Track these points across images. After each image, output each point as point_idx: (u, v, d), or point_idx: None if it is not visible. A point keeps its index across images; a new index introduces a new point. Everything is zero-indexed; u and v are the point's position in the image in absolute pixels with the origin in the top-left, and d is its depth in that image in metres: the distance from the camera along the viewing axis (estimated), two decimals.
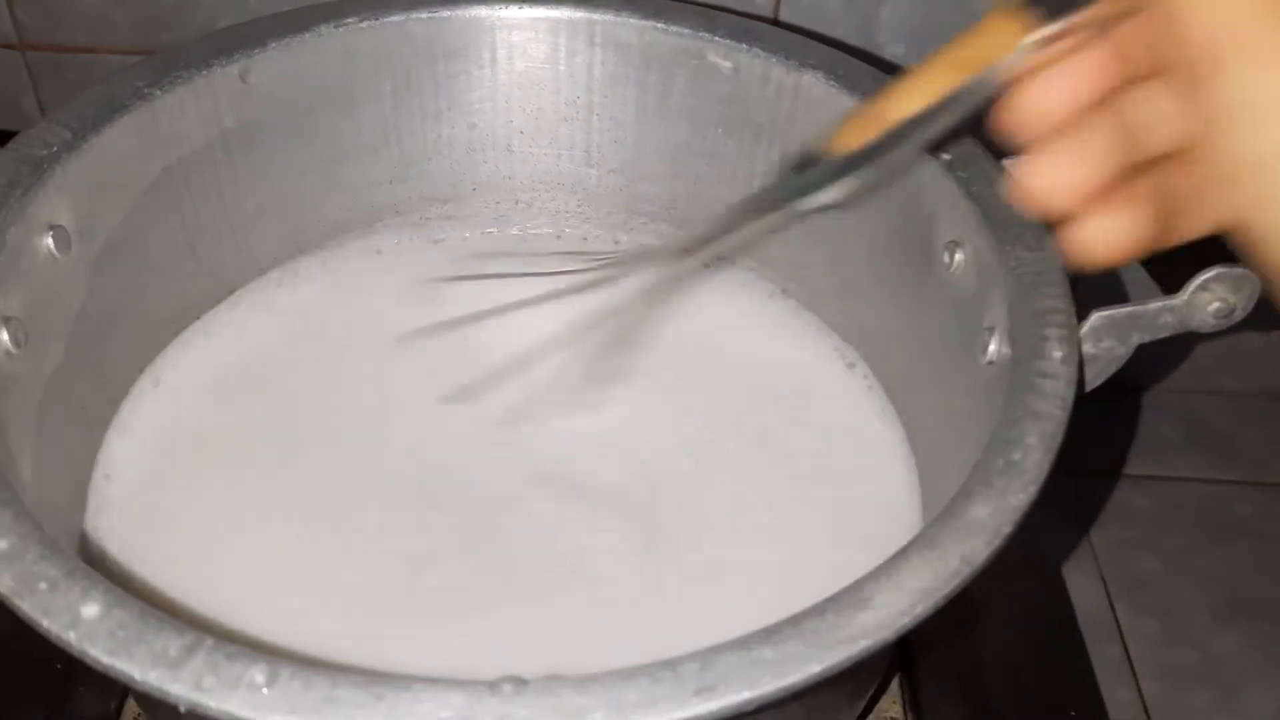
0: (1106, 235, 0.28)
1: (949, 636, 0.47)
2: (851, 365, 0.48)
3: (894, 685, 0.47)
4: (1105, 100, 0.28)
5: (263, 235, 0.50)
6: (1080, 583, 0.57)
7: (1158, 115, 0.28)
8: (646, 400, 0.47)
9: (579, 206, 0.54)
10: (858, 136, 0.31)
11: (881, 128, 0.31)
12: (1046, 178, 0.28)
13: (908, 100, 0.30)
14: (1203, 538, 0.60)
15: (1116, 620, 0.56)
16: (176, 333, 0.48)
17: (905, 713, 0.46)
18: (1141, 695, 0.53)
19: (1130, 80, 0.28)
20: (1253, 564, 0.58)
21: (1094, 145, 0.27)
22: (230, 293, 0.49)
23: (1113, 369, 0.36)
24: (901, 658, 0.47)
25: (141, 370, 0.46)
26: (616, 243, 0.54)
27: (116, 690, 0.45)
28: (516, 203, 0.54)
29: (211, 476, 0.43)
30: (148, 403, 0.46)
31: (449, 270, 0.51)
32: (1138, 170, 0.28)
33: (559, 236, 0.54)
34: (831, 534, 0.42)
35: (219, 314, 0.49)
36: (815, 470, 0.45)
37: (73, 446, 0.42)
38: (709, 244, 0.36)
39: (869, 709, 0.45)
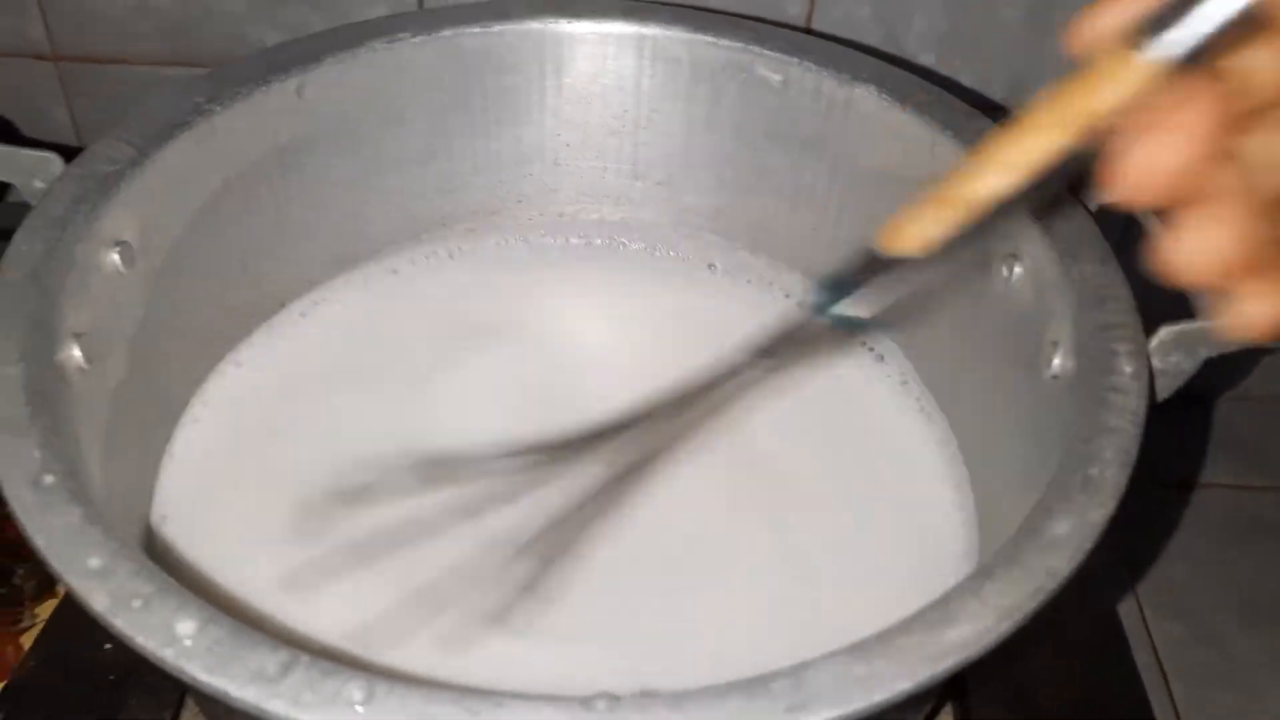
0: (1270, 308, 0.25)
1: (1001, 653, 0.47)
2: (905, 382, 0.48)
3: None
4: (1222, 147, 0.24)
5: (311, 248, 0.50)
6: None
7: None
8: (704, 415, 0.47)
9: (623, 219, 0.54)
10: (936, 223, 0.27)
11: (965, 212, 0.26)
12: (1188, 252, 0.24)
13: (996, 175, 0.26)
14: (1228, 542, 0.60)
15: (1147, 627, 0.56)
16: (229, 344, 0.48)
17: None
18: (1174, 701, 0.53)
19: (1242, 118, 0.24)
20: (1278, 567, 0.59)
21: (1229, 208, 0.24)
22: (281, 305, 0.50)
23: (1179, 383, 0.36)
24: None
25: (197, 383, 0.47)
26: (654, 254, 0.54)
27: (169, 701, 0.45)
28: (561, 215, 0.54)
29: (270, 493, 0.43)
30: (202, 418, 0.46)
31: (491, 283, 0.52)
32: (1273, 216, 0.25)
33: (600, 244, 0.54)
34: (890, 551, 0.42)
35: (273, 325, 0.49)
36: (872, 486, 0.45)
37: (135, 459, 0.42)
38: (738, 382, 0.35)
39: None
